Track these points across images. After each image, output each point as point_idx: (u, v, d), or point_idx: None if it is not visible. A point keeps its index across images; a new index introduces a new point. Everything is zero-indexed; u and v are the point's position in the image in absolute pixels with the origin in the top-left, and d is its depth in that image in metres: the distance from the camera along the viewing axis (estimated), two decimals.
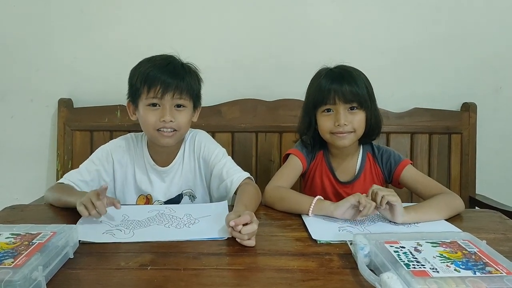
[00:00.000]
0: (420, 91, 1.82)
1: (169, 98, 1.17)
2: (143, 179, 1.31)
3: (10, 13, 1.75)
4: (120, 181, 1.31)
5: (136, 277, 0.77)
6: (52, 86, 1.79)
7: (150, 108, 1.19)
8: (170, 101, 1.18)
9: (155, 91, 1.16)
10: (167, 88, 1.16)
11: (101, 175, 1.28)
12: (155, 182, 1.31)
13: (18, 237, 0.84)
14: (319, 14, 1.77)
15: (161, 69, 1.17)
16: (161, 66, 1.18)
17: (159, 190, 1.31)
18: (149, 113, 1.19)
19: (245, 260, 0.84)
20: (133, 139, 1.34)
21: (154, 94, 1.16)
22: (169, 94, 1.16)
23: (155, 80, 1.16)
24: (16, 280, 0.66)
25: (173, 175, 1.32)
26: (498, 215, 1.14)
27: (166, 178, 1.31)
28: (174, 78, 1.17)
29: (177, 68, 1.20)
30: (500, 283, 0.68)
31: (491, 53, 1.80)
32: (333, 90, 1.19)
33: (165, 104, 1.18)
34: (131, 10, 1.76)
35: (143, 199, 1.33)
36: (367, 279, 0.73)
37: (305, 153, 1.32)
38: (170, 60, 1.21)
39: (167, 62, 1.20)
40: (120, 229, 0.98)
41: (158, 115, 1.18)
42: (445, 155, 1.76)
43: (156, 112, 1.18)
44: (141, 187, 1.31)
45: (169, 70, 1.18)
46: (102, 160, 1.29)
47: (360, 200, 1.01)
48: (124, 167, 1.31)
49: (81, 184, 1.23)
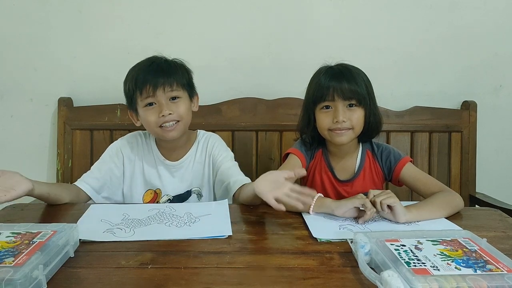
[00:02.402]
0: (420, 90, 1.82)
1: (162, 93, 1.21)
2: (152, 173, 1.33)
3: (9, 13, 1.74)
4: (128, 176, 1.34)
5: (136, 275, 0.77)
6: (52, 85, 1.78)
7: (147, 108, 1.23)
8: (164, 96, 1.22)
9: (147, 91, 1.21)
10: (156, 84, 1.20)
11: (113, 171, 1.31)
12: (164, 176, 1.33)
13: (19, 236, 0.84)
14: (319, 13, 1.77)
15: (146, 69, 1.23)
16: (145, 67, 1.24)
17: (168, 184, 1.33)
18: (147, 112, 1.23)
19: (246, 259, 0.84)
20: (141, 136, 1.37)
21: (147, 94, 1.21)
22: (160, 89, 1.21)
23: (143, 81, 1.21)
24: (17, 279, 0.66)
25: (183, 171, 1.34)
26: (499, 213, 1.14)
27: (175, 173, 1.34)
28: (160, 73, 1.22)
29: (160, 64, 1.25)
30: (500, 281, 0.68)
31: (491, 52, 1.80)
32: (332, 87, 1.20)
33: (160, 99, 1.22)
34: (130, 9, 1.75)
35: (150, 194, 1.34)
36: (367, 277, 0.73)
37: (305, 152, 1.32)
38: (152, 59, 1.27)
39: (150, 62, 1.26)
40: (120, 228, 0.99)
41: (156, 112, 1.22)
42: (445, 153, 1.77)
43: (154, 110, 1.22)
44: (150, 181, 1.33)
45: (154, 68, 1.23)
46: (112, 157, 1.32)
47: (365, 205, 1.01)
48: (133, 162, 1.34)
49: (92, 182, 1.25)
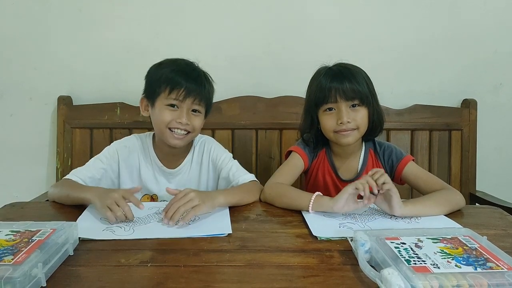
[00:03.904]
0: (420, 88, 1.82)
1: (189, 102, 1.22)
2: (149, 179, 1.33)
3: (8, 12, 1.74)
4: (124, 181, 1.33)
5: (136, 274, 0.77)
6: (51, 84, 1.78)
7: (168, 107, 1.23)
8: (189, 105, 1.23)
9: (177, 94, 1.20)
10: (189, 93, 1.21)
11: (108, 173, 1.30)
12: (161, 182, 1.33)
13: (18, 234, 0.84)
14: (318, 11, 1.77)
15: (186, 74, 1.22)
16: (185, 71, 1.23)
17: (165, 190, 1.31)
18: (166, 111, 1.23)
19: (246, 257, 0.84)
20: (138, 139, 1.36)
21: (176, 96, 1.21)
22: (190, 99, 1.22)
23: (179, 83, 1.20)
24: (16, 277, 0.66)
25: (180, 178, 1.34)
26: (499, 211, 1.13)
27: (172, 180, 1.34)
28: (197, 85, 1.22)
29: (200, 76, 1.25)
30: (501, 279, 0.68)
31: (491, 50, 1.80)
32: (333, 88, 1.19)
33: (184, 107, 1.22)
34: (130, 8, 1.75)
35: (147, 198, 1.34)
36: (367, 275, 0.73)
37: (307, 150, 1.32)
38: (193, 67, 1.27)
39: (191, 69, 1.25)
40: (120, 226, 0.98)
41: (175, 116, 1.22)
42: (445, 151, 1.77)
43: (174, 113, 1.23)
44: (147, 186, 1.33)
45: (193, 76, 1.23)
46: (109, 159, 1.31)
47: (357, 186, 1.00)
48: (130, 167, 1.33)
49: (89, 181, 1.23)
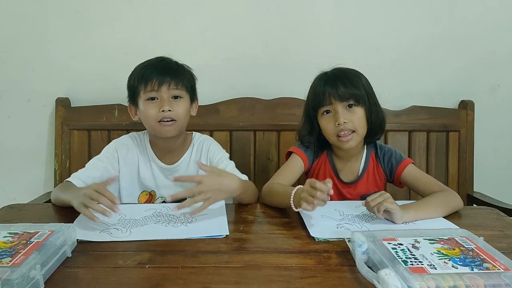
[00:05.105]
0: (417, 89, 1.82)
1: (166, 89, 1.23)
2: (146, 175, 1.33)
3: (6, 13, 1.74)
4: (124, 178, 1.34)
5: (134, 275, 0.77)
6: (49, 86, 1.78)
7: (149, 102, 1.24)
8: (167, 92, 1.24)
9: (152, 85, 1.22)
10: (163, 80, 1.22)
11: (109, 172, 1.31)
12: (159, 179, 1.33)
13: (16, 236, 0.84)
14: (316, 12, 1.77)
15: (155, 66, 1.26)
16: (154, 63, 1.27)
17: (163, 187, 1.33)
18: (148, 106, 1.24)
19: (243, 258, 0.84)
20: (135, 137, 1.37)
21: (151, 88, 1.22)
22: (165, 85, 1.23)
23: (150, 75, 1.23)
24: (14, 279, 0.66)
25: (177, 175, 1.32)
26: (496, 212, 1.14)
27: (170, 176, 1.32)
28: (167, 71, 1.25)
29: (170, 63, 1.28)
30: (497, 279, 0.68)
31: (488, 51, 1.80)
32: (328, 90, 1.21)
33: (163, 95, 1.23)
34: (127, 9, 1.75)
35: (145, 195, 1.34)
36: (365, 276, 0.73)
37: (308, 151, 1.32)
38: (162, 58, 1.29)
39: (160, 60, 1.28)
40: (117, 228, 0.99)
41: (157, 107, 1.23)
42: (442, 153, 1.77)
43: (155, 104, 1.24)
44: (145, 183, 1.33)
45: (163, 65, 1.26)
46: (109, 158, 1.32)
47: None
48: (129, 164, 1.34)
49: (89, 181, 1.23)
